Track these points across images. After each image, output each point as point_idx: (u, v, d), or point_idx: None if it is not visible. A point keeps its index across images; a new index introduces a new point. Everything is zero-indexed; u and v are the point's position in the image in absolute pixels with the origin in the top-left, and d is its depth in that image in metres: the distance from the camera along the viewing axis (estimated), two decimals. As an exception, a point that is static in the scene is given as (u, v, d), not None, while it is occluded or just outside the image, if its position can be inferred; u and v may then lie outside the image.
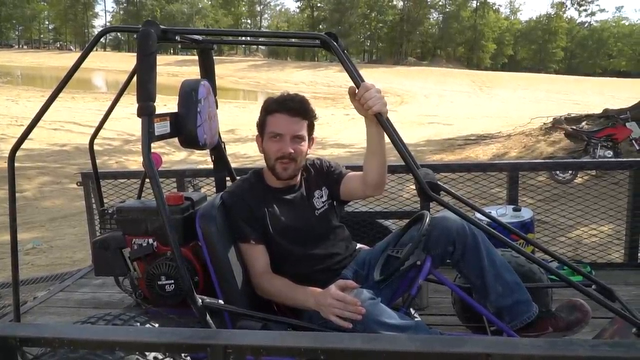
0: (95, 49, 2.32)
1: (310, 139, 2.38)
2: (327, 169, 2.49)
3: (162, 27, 1.99)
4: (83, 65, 2.17)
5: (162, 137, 2.10)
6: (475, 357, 1.09)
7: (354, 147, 13.55)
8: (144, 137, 1.89)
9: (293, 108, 2.27)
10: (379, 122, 2.03)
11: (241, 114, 18.63)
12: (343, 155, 12.42)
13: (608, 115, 10.92)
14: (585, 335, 2.35)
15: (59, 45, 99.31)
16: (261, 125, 2.35)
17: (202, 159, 10.92)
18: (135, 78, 1.98)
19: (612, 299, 2.18)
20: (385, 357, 1.14)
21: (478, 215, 2.90)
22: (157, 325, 1.94)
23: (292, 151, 2.27)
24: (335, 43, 2.06)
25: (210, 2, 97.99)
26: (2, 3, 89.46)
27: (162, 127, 2.08)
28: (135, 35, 1.97)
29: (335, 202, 2.51)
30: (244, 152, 11.98)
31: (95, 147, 2.92)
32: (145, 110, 1.90)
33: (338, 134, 15.94)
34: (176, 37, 2.11)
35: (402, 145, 2.08)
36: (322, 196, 2.45)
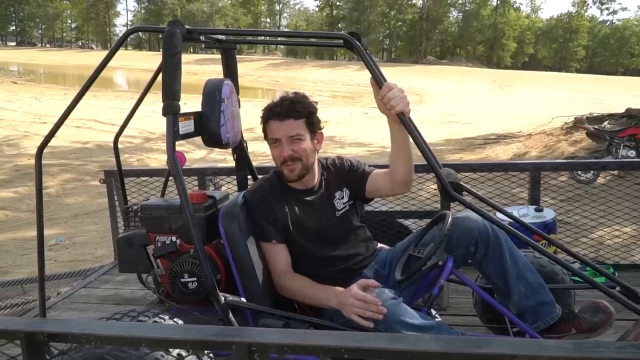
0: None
1: (316, 135, 2.36)
2: (348, 167, 2.48)
3: (187, 27, 2.01)
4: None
5: (186, 136, 2.12)
6: (501, 358, 1.08)
7: (373, 145, 13.52)
8: (168, 136, 1.91)
9: (281, 112, 2.27)
10: (402, 121, 2.03)
11: (260, 113, 18.67)
12: (362, 154, 12.40)
13: (631, 115, 10.80)
14: (609, 338, 2.32)
15: (80, 44, 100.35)
16: (264, 134, 2.37)
17: (221, 157, 10.96)
18: (159, 77, 2.00)
19: (636, 300, 2.16)
20: (410, 357, 1.14)
21: (500, 215, 2.88)
22: (180, 322, 1.96)
23: (292, 152, 2.27)
24: (358, 43, 2.06)
25: (230, 1, 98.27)
26: (26, 2, 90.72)
27: (186, 126, 2.10)
28: (160, 35, 1.99)
29: (356, 202, 2.50)
30: (263, 150, 11.94)
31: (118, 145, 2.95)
32: (170, 110, 1.92)
33: (357, 132, 15.91)
34: (201, 37, 2.13)
35: (425, 145, 2.08)
36: (342, 197, 2.44)
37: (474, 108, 23.98)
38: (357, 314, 1.94)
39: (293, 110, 2.27)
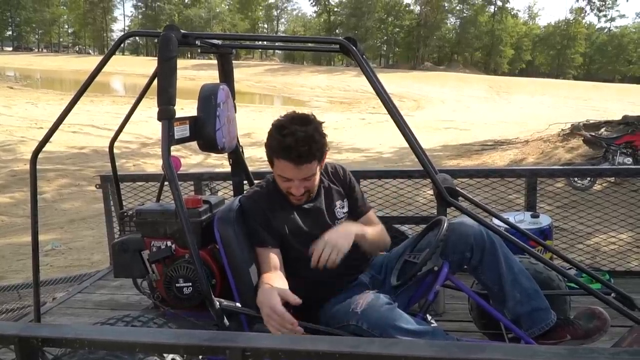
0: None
1: (322, 159, 2.28)
2: (350, 189, 2.48)
3: (182, 31, 2.01)
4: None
5: (181, 141, 2.12)
6: (495, 364, 1.08)
7: (370, 151, 13.54)
8: (163, 140, 1.91)
9: (297, 157, 2.13)
10: (394, 122, 2.04)
11: (257, 118, 18.72)
12: (359, 159, 12.42)
13: (627, 122, 10.80)
14: (604, 344, 2.32)
15: (77, 49, 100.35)
16: (269, 159, 2.26)
17: (218, 162, 10.98)
18: (155, 82, 2.00)
19: (631, 307, 2.16)
20: (403, 362, 1.14)
21: (496, 221, 2.88)
22: (175, 327, 1.96)
23: (304, 189, 2.25)
24: (355, 48, 2.07)
25: (227, 7, 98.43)
26: (23, 7, 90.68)
27: (181, 130, 2.10)
28: (156, 40, 1.99)
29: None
30: (260, 155, 11.98)
31: (114, 150, 2.94)
32: (166, 114, 1.92)
33: (354, 138, 15.93)
34: (196, 42, 2.13)
35: (421, 151, 2.09)
36: (343, 207, 2.44)
37: (471, 114, 24.04)
38: (272, 326, 1.92)
39: (310, 154, 2.15)
